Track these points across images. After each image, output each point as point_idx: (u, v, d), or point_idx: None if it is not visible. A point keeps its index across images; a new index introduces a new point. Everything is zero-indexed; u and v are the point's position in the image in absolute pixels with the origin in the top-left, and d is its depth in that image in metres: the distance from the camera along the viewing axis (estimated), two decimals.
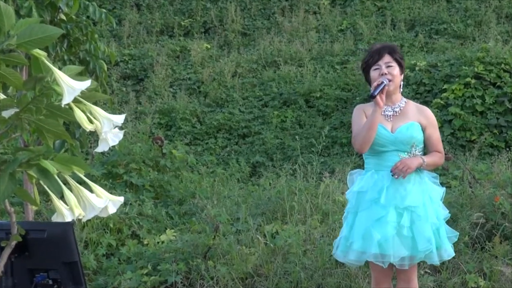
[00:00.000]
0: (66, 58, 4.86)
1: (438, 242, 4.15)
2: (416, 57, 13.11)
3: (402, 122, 4.18)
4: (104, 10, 5.02)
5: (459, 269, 5.65)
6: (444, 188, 4.34)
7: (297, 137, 11.28)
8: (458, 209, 6.34)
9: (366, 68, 4.24)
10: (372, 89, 4.05)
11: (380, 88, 4.01)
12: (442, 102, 11.33)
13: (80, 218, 2.03)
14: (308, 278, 5.59)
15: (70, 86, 1.86)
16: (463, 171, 7.84)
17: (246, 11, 17.11)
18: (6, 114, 1.97)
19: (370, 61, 4.20)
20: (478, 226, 6.01)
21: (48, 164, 1.95)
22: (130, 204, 7.38)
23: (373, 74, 4.18)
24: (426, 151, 4.26)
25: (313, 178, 7.87)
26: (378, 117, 4.05)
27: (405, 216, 4.07)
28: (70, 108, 1.95)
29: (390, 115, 4.21)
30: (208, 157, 11.75)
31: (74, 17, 4.88)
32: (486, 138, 10.96)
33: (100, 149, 2.08)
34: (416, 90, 11.89)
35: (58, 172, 1.97)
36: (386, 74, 4.12)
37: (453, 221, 6.04)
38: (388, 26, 15.63)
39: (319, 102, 13.13)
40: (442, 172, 8.28)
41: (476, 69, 11.44)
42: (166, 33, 16.92)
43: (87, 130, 2.00)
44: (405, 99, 4.29)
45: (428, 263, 4.72)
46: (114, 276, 5.82)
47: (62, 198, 2.01)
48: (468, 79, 11.35)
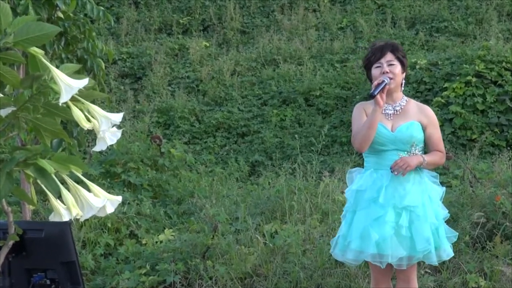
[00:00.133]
0: (63, 56, 4.85)
1: (437, 242, 4.13)
2: (416, 55, 13.10)
3: (403, 121, 4.16)
4: (102, 8, 5.01)
5: (460, 269, 5.63)
6: (444, 187, 4.32)
7: (296, 136, 11.26)
8: (459, 208, 6.33)
9: (368, 65, 4.22)
10: (372, 88, 4.03)
11: (380, 87, 3.99)
12: (442, 101, 11.32)
13: (77, 217, 2.03)
14: (307, 278, 5.57)
15: (68, 84, 1.85)
16: (464, 170, 7.83)
17: (245, 9, 17.11)
18: (3, 112, 1.98)
19: (372, 58, 4.18)
20: (479, 225, 5.99)
21: (45, 163, 1.95)
22: (128, 203, 7.36)
23: (374, 72, 4.16)
24: (426, 151, 4.24)
25: (312, 177, 7.85)
26: (378, 116, 4.03)
27: (403, 216, 4.05)
28: (68, 106, 1.95)
29: (390, 114, 4.19)
30: (206, 156, 11.74)
31: (71, 15, 4.87)
32: (487, 137, 10.95)
33: (98, 148, 2.09)
34: (416, 88, 11.88)
35: (56, 171, 1.98)
36: (387, 73, 4.09)
37: (453, 220, 6.03)
38: (388, 24, 15.63)
39: (319, 100, 13.12)
40: (442, 171, 8.26)
41: (477, 67, 11.43)
42: (164, 31, 16.91)
43: (85, 129, 2.01)
44: (406, 98, 4.27)
45: (427, 263, 4.70)
46: (112, 276, 5.81)
47: (59, 197, 2.01)
48: (469, 78, 11.34)
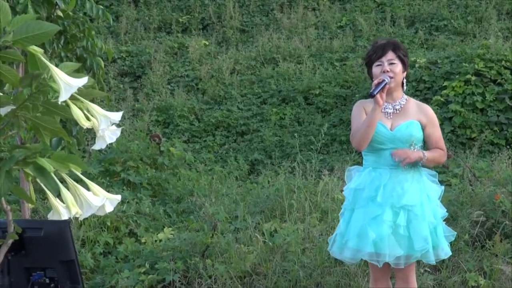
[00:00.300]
0: (63, 55, 4.84)
1: (435, 241, 4.13)
2: (416, 54, 13.09)
3: (402, 120, 4.16)
4: (101, 7, 5.00)
5: (459, 267, 5.63)
6: (442, 186, 4.32)
7: (296, 134, 11.27)
8: (458, 207, 6.33)
9: (369, 63, 4.22)
10: (372, 87, 4.03)
11: (380, 86, 3.98)
12: (442, 99, 11.32)
13: (77, 216, 2.03)
14: (307, 276, 5.56)
15: (67, 83, 1.85)
16: (463, 169, 7.82)
17: (245, 8, 17.10)
18: (2, 111, 1.97)
19: (373, 56, 4.18)
20: (478, 224, 5.99)
21: (44, 162, 1.95)
22: (128, 202, 7.35)
23: (375, 70, 4.16)
24: (426, 149, 4.23)
25: (312, 176, 7.84)
26: (377, 115, 4.03)
27: (401, 215, 4.05)
28: (67, 105, 1.95)
29: (390, 113, 4.18)
30: (206, 154, 11.74)
31: (71, 13, 4.86)
32: (486, 136, 10.95)
33: (97, 146, 2.09)
34: (416, 87, 11.88)
35: (55, 170, 1.98)
36: (388, 72, 4.09)
37: (453, 219, 6.03)
38: (387, 23, 15.62)
39: (318, 99, 13.12)
40: (442, 170, 8.26)
41: (476, 66, 11.42)
42: (163, 29, 16.90)
43: (84, 128, 2.01)
44: (406, 97, 4.26)
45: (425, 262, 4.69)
46: (111, 274, 5.80)
47: (59, 196, 2.01)
48: (468, 76, 11.33)
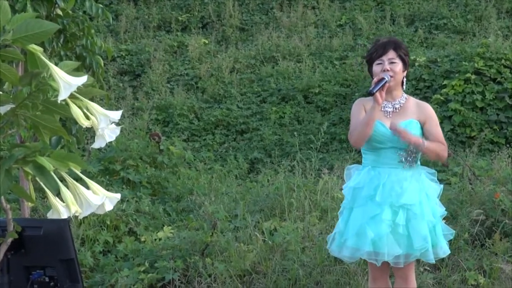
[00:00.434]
0: (62, 53, 4.84)
1: (434, 240, 4.13)
2: (415, 52, 13.09)
3: (401, 119, 4.15)
4: (100, 5, 4.99)
5: (459, 266, 5.62)
6: (441, 185, 4.31)
7: (295, 133, 11.26)
8: (458, 206, 6.32)
9: (370, 61, 4.21)
10: (372, 85, 4.02)
11: (380, 84, 3.98)
12: (442, 98, 11.32)
13: (76, 215, 2.03)
14: (306, 275, 5.56)
15: (67, 81, 1.85)
16: (463, 168, 7.82)
17: (244, 6, 17.09)
18: (2, 110, 1.98)
19: (374, 55, 4.17)
20: (478, 223, 5.98)
21: (44, 160, 1.94)
22: (127, 201, 7.35)
23: (375, 68, 4.15)
24: None
25: (311, 175, 7.84)
26: (376, 113, 4.02)
27: (400, 214, 4.05)
28: (67, 104, 1.95)
29: (389, 112, 4.17)
30: (205, 153, 11.75)
31: (70, 12, 4.85)
32: (486, 134, 10.96)
33: (96, 145, 2.09)
34: (415, 85, 11.88)
35: (55, 168, 1.98)
36: (388, 71, 4.08)
37: (452, 218, 6.03)
38: (387, 21, 15.62)
39: (318, 98, 13.12)
40: (442, 168, 8.26)
41: (476, 64, 11.43)
42: (163, 28, 16.90)
43: (84, 126, 2.01)
44: (405, 95, 4.26)
45: (424, 261, 4.70)
46: (111, 273, 5.79)
47: (58, 194, 2.00)
48: (468, 75, 11.34)
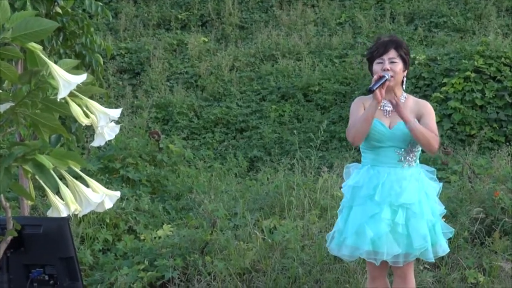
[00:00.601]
0: (61, 51, 4.83)
1: (434, 238, 4.14)
2: (415, 50, 13.08)
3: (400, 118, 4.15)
4: (100, 3, 4.99)
5: (459, 264, 5.62)
6: (441, 183, 4.32)
7: (295, 131, 11.26)
8: (458, 204, 6.32)
9: (371, 59, 4.21)
10: (372, 82, 4.02)
11: (380, 82, 3.98)
12: (441, 96, 11.32)
13: (76, 213, 2.03)
14: (306, 273, 5.56)
15: (66, 80, 1.85)
16: (463, 166, 7.82)
17: (244, 4, 17.08)
18: (1, 108, 1.98)
19: (375, 53, 4.17)
20: (478, 221, 5.98)
21: (44, 158, 1.94)
22: (127, 199, 7.35)
23: (375, 67, 4.16)
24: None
25: (311, 173, 7.84)
26: (374, 111, 4.03)
27: (399, 213, 4.05)
28: (66, 102, 1.95)
29: (389, 111, 4.17)
30: (205, 151, 11.74)
31: (70, 10, 4.85)
32: (486, 133, 10.96)
33: (96, 143, 2.09)
34: (415, 84, 11.88)
35: (54, 166, 1.98)
36: (388, 70, 4.08)
37: (452, 216, 6.02)
38: (387, 20, 15.61)
39: (318, 96, 13.12)
40: (441, 166, 8.27)
41: (476, 62, 11.43)
42: (163, 26, 16.88)
43: (83, 125, 2.00)
44: (405, 95, 4.26)
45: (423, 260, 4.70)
46: (110, 271, 5.79)
47: (58, 193, 2.00)
48: (467, 73, 11.34)
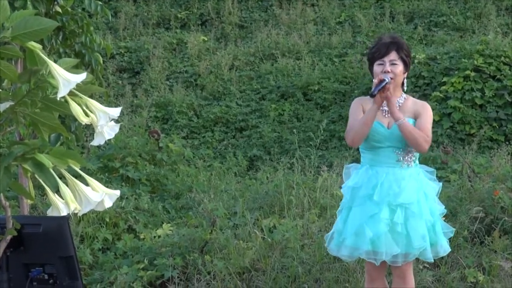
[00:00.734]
0: (61, 50, 4.83)
1: (434, 238, 4.14)
2: (415, 49, 13.07)
3: None
4: (99, 2, 4.99)
5: (458, 263, 5.62)
6: (440, 183, 4.32)
7: (294, 130, 11.26)
8: (457, 203, 6.32)
9: (371, 59, 4.21)
10: (373, 86, 4.03)
11: (380, 86, 3.99)
12: (441, 95, 11.32)
13: (75, 212, 2.02)
14: (306, 272, 5.56)
15: (66, 79, 1.84)
16: (462, 165, 7.82)
17: (243, 3, 17.08)
18: (1, 107, 1.97)
19: (376, 54, 4.17)
20: (477, 220, 5.98)
21: (43, 157, 1.94)
22: (127, 198, 7.34)
23: (376, 68, 4.16)
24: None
25: (311, 172, 7.84)
26: (374, 115, 4.04)
27: (398, 213, 4.06)
28: (66, 101, 1.95)
29: (387, 110, 4.17)
30: (205, 150, 11.74)
31: (69, 9, 4.85)
32: (485, 132, 10.96)
33: (96, 142, 2.09)
34: (415, 83, 11.87)
35: (54, 165, 1.97)
36: (388, 72, 4.09)
37: (452, 215, 6.02)
38: (386, 19, 15.61)
39: (317, 95, 13.12)
40: (441, 166, 8.27)
41: (475, 62, 11.43)
42: (162, 25, 16.88)
43: (83, 124, 2.00)
44: (405, 95, 4.26)
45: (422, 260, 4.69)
46: (110, 270, 5.78)
47: (57, 192, 2.00)
48: (467, 72, 11.34)
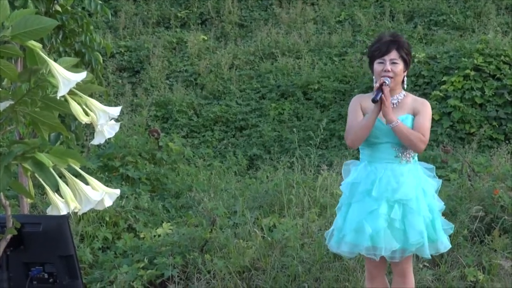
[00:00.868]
0: (61, 49, 4.83)
1: (433, 235, 4.15)
2: (415, 49, 13.06)
3: (397, 114, 4.17)
4: (99, 1, 4.99)
5: (458, 262, 5.62)
6: (440, 180, 4.33)
7: (294, 129, 11.26)
8: (457, 202, 6.31)
9: (372, 58, 4.22)
10: (374, 90, 4.04)
11: (380, 94, 4.00)
12: (441, 94, 11.32)
13: (75, 211, 2.02)
14: (305, 271, 5.56)
15: (66, 78, 1.84)
16: (462, 164, 7.82)
17: (243, 2, 17.08)
18: (1, 106, 1.97)
19: (376, 53, 4.18)
20: (477, 219, 5.98)
21: (43, 157, 1.94)
22: (126, 197, 7.34)
23: (376, 67, 4.17)
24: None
25: (311, 171, 7.85)
26: (375, 118, 4.07)
27: (396, 208, 4.07)
28: (66, 100, 1.95)
29: None
30: (205, 149, 11.74)
31: (69, 8, 4.85)
32: (485, 131, 10.96)
33: (96, 141, 2.09)
34: (415, 82, 11.87)
35: (54, 165, 1.97)
36: (388, 71, 4.09)
37: (452, 214, 6.02)
38: (386, 18, 15.61)
39: (317, 94, 13.12)
40: (441, 165, 8.27)
41: (475, 61, 11.42)
42: (162, 24, 16.88)
43: (83, 123, 2.00)
44: (404, 92, 4.27)
45: (421, 257, 4.70)
46: (110, 269, 5.79)
47: (57, 191, 2.00)
48: (467, 71, 11.34)
